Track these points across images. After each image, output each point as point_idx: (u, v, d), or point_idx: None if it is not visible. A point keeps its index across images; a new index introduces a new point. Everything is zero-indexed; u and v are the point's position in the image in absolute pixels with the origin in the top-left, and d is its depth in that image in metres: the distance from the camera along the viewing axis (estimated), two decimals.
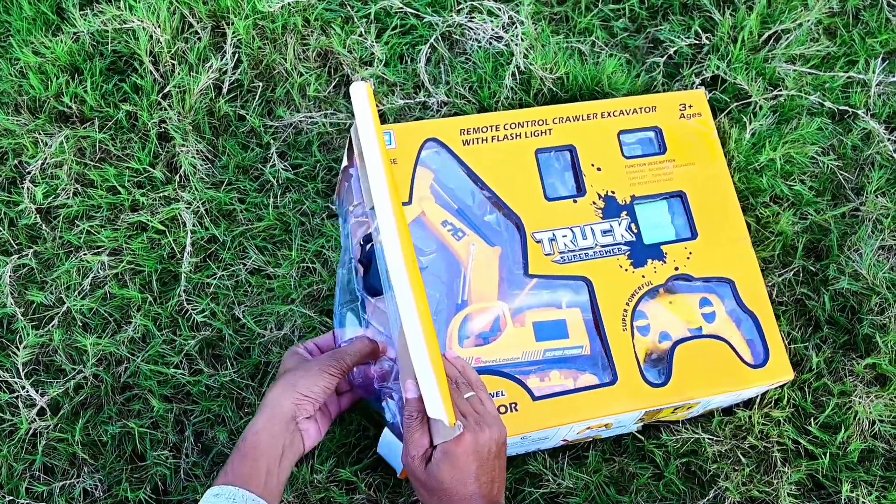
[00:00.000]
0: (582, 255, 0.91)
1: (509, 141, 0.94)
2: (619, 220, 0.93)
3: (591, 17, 1.14)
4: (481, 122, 0.94)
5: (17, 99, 1.08)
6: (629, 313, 0.90)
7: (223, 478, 0.73)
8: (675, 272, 0.92)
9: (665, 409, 0.89)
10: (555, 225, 0.92)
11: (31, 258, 1.02)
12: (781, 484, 0.92)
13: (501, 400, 0.85)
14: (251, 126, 1.07)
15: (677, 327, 0.91)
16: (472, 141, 0.94)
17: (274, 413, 0.77)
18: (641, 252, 0.92)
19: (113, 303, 1.00)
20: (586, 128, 0.97)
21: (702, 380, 0.88)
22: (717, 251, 0.94)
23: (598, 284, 0.90)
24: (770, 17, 1.13)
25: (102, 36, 1.10)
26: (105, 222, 1.03)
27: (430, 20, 1.12)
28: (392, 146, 0.91)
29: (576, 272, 0.91)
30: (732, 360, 0.90)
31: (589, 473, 0.93)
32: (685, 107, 1.00)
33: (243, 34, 1.09)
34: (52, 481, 0.94)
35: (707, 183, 0.97)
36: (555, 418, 0.85)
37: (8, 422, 0.95)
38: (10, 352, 0.98)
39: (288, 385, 0.79)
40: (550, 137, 0.95)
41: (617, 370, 0.87)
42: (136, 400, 0.97)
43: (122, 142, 1.07)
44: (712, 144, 0.99)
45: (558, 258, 0.91)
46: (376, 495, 0.92)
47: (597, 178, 0.95)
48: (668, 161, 0.97)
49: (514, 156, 0.94)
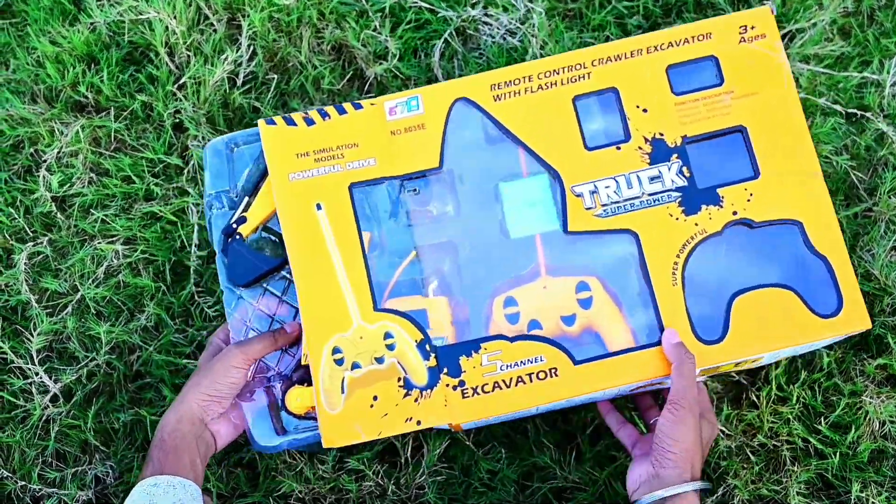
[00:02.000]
0: (627, 205, 0.84)
1: (544, 91, 0.87)
2: (669, 164, 0.85)
3: (605, 13, 1.14)
4: (513, 74, 0.87)
5: (34, 88, 1.09)
6: (680, 266, 0.82)
7: (154, 471, 0.74)
8: (734, 217, 0.83)
9: (724, 365, 0.83)
10: (596, 176, 0.84)
11: (46, 246, 1.03)
12: (791, 483, 0.92)
13: (541, 366, 0.80)
14: (266, 118, 1.08)
15: (549, 314, 0.83)
16: (504, 96, 0.87)
17: (181, 414, 0.78)
18: (694, 197, 0.84)
19: (126, 291, 1.01)
20: (630, 66, 0.87)
21: (762, 334, 0.81)
22: (782, 190, 0.84)
23: (644, 237, 0.83)
24: (784, 16, 1.13)
25: (119, 26, 1.11)
26: (119, 211, 1.04)
27: (445, 15, 1.12)
28: (419, 111, 0.86)
29: (620, 225, 0.83)
30: (799, 309, 0.81)
31: (596, 468, 0.94)
32: (746, 29, 0.88)
33: (259, 26, 1.09)
34: (65, 467, 0.95)
35: (772, 114, 0.86)
36: (598, 382, 0.80)
37: (21, 408, 0.96)
38: (25, 338, 0.98)
39: (194, 385, 0.80)
40: (589, 82, 0.87)
41: (665, 328, 0.81)
42: (148, 388, 0.98)
43: (137, 132, 1.07)
44: (779, 69, 0.87)
45: (600, 211, 0.84)
46: (384, 482, 0.93)
47: (643, 121, 0.86)
48: (725, 93, 0.86)
49: (549, 106, 0.87)
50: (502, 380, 0.79)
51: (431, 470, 0.93)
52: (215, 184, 0.92)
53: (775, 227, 0.84)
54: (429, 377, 0.79)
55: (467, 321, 0.81)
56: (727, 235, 0.83)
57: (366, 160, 0.84)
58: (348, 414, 0.79)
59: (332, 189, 0.83)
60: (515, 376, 0.79)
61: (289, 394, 0.85)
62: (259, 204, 0.91)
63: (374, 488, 0.93)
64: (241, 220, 0.90)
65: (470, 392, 0.79)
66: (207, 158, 0.93)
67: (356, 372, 0.80)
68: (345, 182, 0.83)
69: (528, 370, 0.79)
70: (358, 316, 0.81)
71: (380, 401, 0.79)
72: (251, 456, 0.95)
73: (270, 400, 0.87)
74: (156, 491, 0.72)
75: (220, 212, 0.91)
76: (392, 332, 0.81)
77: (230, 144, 0.94)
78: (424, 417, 0.79)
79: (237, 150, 0.94)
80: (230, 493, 0.94)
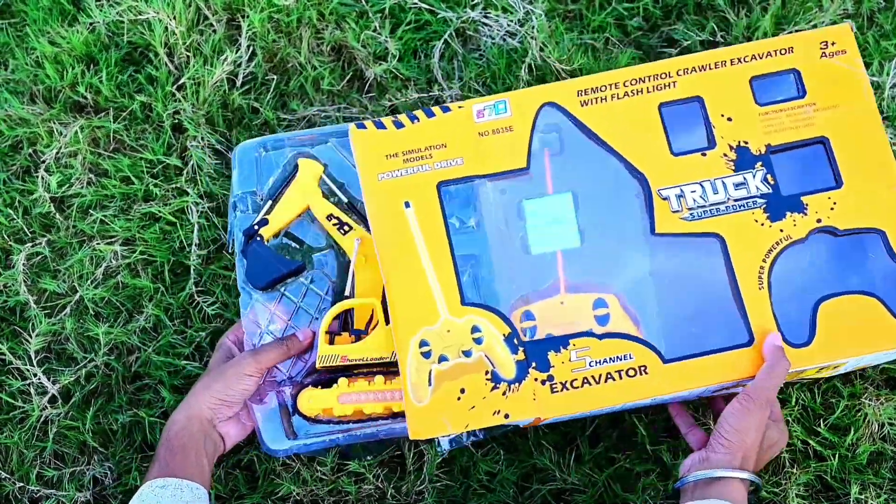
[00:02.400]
0: (713, 210, 0.86)
1: (630, 98, 0.90)
2: (754, 171, 0.87)
3: (605, 15, 1.14)
4: (600, 81, 0.90)
5: (33, 88, 1.09)
6: (766, 270, 0.84)
7: (161, 471, 0.75)
8: (818, 224, 0.85)
9: (809, 370, 0.85)
10: (683, 180, 0.87)
11: (45, 246, 1.02)
12: (790, 485, 0.92)
13: (630, 363, 0.81)
14: (265, 119, 1.08)
15: (566, 330, 0.85)
16: (591, 101, 0.89)
17: (191, 414, 0.79)
18: (779, 204, 0.86)
19: (125, 292, 1.00)
20: (714, 77, 0.90)
21: (848, 339, 0.83)
22: (865, 200, 0.86)
23: (731, 241, 0.85)
24: (785, 17, 1.13)
25: (118, 27, 1.11)
26: (118, 212, 1.04)
27: (445, 16, 1.12)
28: (507, 114, 0.88)
29: (707, 229, 0.85)
30: (883, 316, 0.83)
31: (596, 470, 0.94)
32: (827, 45, 0.91)
33: (258, 27, 1.09)
34: (63, 468, 0.95)
35: (853, 126, 0.89)
36: (687, 381, 0.81)
37: (20, 409, 0.96)
38: (23, 339, 0.98)
39: (204, 388, 0.81)
40: (675, 90, 0.90)
41: (753, 330, 0.83)
42: (147, 390, 0.98)
43: (136, 132, 1.07)
44: (859, 84, 0.90)
45: (687, 215, 0.86)
46: (383, 485, 0.93)
47: (727, 129, 0.88)
48: (807, 105, 0.89)
49: (635, 112, 0.89)
50: (591, 376, 0.81)
51: (432, 476, 0.93)
52: (242, 185, 0.94)
53: (858, 236, 0.86)
54: (517, 371, 0.81)
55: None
56: (811, 242, 0.86)
57: (454, 160, 0.87)
58: (435, 406, 0.80)
59: (420, 188, 0.86)
60: (605, 373, 0.81)
61: (301, 395, 0.85)
62: (282, 208, 0.93)
63: (374, 491, 0.93)
64: (263, 222, 0.91)
65: (559, 387, 0.80)
66: (237, 160, 0.95)
67: (443, 365, 0.81)
68: (433, 181, 0.86)
69: (617, 367, 0.81)
70: (445, 310, 0.83)
71: (467, 394, 0.80)
72: (250, 458, 0.95)
73: (282, 403, 0.87)
74: (164, 493, 0.73)
75: (243, 214, 0.92)
76: (479, 326, 0.82)
77: (259, 148, 0.95)
78: (513, 411, 0.80)
79: (266, 154, 0.95)
80: (229, 494, 0.94)
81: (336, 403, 0.85)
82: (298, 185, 0.94)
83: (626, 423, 0.96)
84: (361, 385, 0.85)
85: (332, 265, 0.93)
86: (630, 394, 0.80)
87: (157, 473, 0.75)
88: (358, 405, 0.85)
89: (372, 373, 0.87)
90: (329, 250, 0.93)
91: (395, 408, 0.85)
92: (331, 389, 0.85)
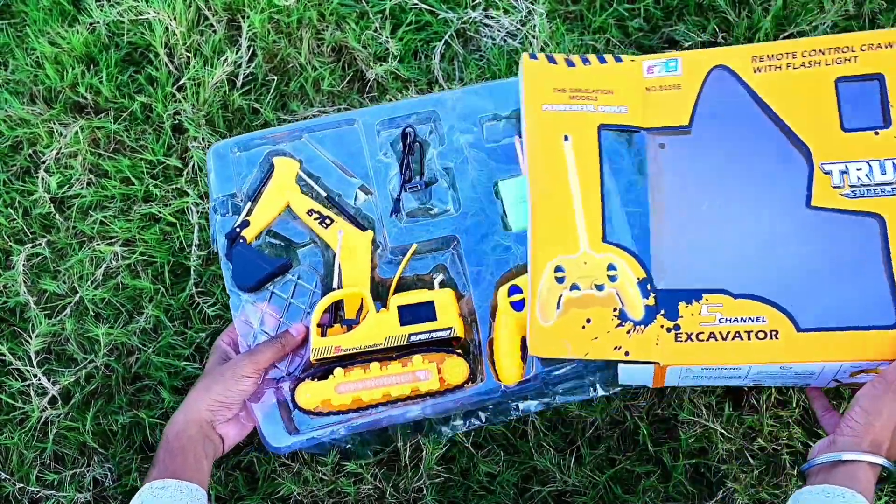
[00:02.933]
0: (878, 189, 0.83)
1: (806, 69, 0.88)
2: None
3: (606, 16, 1.14)
4: (777, 49, 0.89)
5: (33, 88, 1.09)
6: None
7: (161, 472, 0.76)
8: None
9: None
10: (849, 157, 0.85)
11: (45, 247, 1.02)
12: (790, 487, 0.92)
13: (761, 325, 0.80)
14: (265, 120, 1.08)
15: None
16: (765, 69, 0.89)
17: (190, 417, 0.80)
18: None
19: (125, 293, 1.00)
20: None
21: None
22: None
23: (891, 222, 0.82)
24: (786, 18, 1.13)
25: (118, 27, 1.11)
26: (118, 213, 1.04)
27: (445, 16, 1.12)
28: (677, 72, 0.89)
29: (867, 208, 0.83)
30: None
31: (597, 472, 0.93)
32: None
33: (258, 28, 1.09)
34: (63, 469, 0.94)
35: None
36: (819, 353, 0.79)
37: (19, 410, 0.96)
38: (23, 340, 0.98)
39: (204, 390, 0.82)
40: (855, 65, 0.87)
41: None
42: (147, 391, 0.98)
43: (136, 133, 1.07)
44: None
45: (848, 192, 0.84)
46: (382, 485, 0.93)
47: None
48: None
49: (810, 83, 0.87)
50: (719, 332, 0.80)
51: (430, 473, 0.93)
52: (220, 187, 0.93)
53: None
54: (645, 314, 0.81)
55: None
56: None
57: (618, 107, 0.88)
58: (559, 329, 0.81)
59: (581, 125, 0.87)
60: (733, 331, 0.80)
61: (298, 389, 0.85)
62: (262, 208, 0.92)
63: (373, 491, 0.93)
64: (244, 224, 0.91)
65: (684, 337, 0.80)
66: (211, 163, 0.94)
67: (574, 293, 0.83)
68: (595, 121, 0.87)
69: (747, 327, 0.80)
70: (586, 243, 0.84)
71: (592, 324, 0.81)
72: (250, 459, 0.95)
73: (281, 399, 0.87)
74: (163, 494, 0.73)
75: (223, 217, 0.92)
76: (616, 265, 0.83)
77: (233, 148, 0.94)
78: (634, 350, 0.80)
79: (240, 154, 0.95)
80: (228, 495, 0.94)
81: (334, 394, 0.84)
82: (276, 183, 0.93)
83: (627, 424, 0.96)
84: (357, 373, 0.85)
85: (318, 259, 0.93)
86: (756, 355, 0.79)
87: (157, 475, 0.76)
88: (356, 393, 0.85)
89: (367, 360, 0.86)
90: (312, 245, 0.93)
91: (394, 392, 0.85)
92: (327, 381, 0.85)
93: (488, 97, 0.96)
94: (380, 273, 0.92)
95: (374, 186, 0.93)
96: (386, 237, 0.91)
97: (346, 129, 0.96)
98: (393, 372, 0.85)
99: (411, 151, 0.95)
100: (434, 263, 0.92)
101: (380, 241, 0.92)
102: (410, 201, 0.94)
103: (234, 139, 0.95)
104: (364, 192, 0.94)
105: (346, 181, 0.94)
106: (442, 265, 0.92)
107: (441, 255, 0.92)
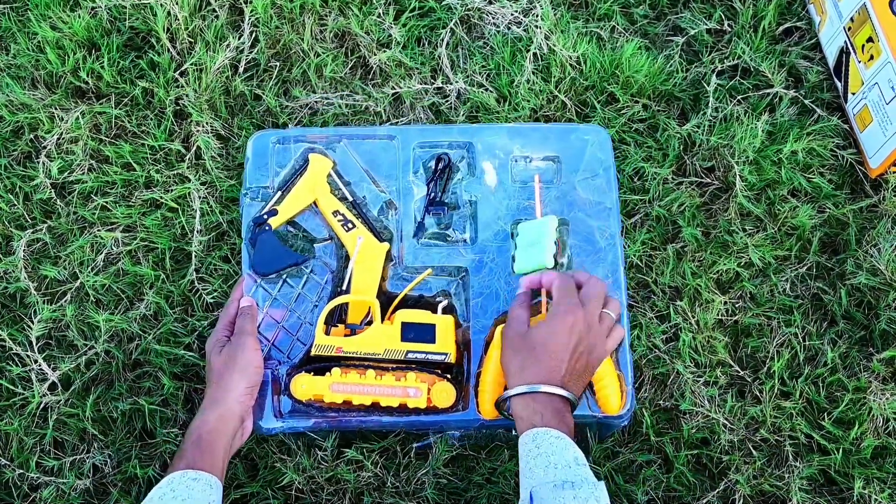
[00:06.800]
0: None
1: None
2: None
3: (611, 3, 1.13)
4: None
5: (34, 73, 1.08)
6: None
7: (189, 465, 0.77)
8: None
9: None
10: None
11: (46, 233, 1.02)
12: (793, 478, 0.92)
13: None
14: (267, 106, 1.07)
15: None
16: None
17: (224, 415, 0.82)
18: None
19: (126, 279, 1.00)
20: None
21: None
22: None
23: None
24: (788, 10, 1.12)
25: (120, 12, 1.10)
26: (119, 199, 1.03)
27: (449, 3, 1.11)
28: None
29: None
30: None
31: (597, 462, 0.93)
32: None
33: (261, 13, 1.08)
34: (63, 456, 0.94)
35: None
36: None
37: (20, 395, 0.96)
38: (24, 326, 0.98)
39: (232, 388, 0.84)
40: None
41: None
42: (147, 377, 0.97)
43: (137, 118, 1.06)
44: None
45: None
46: (382, 473, 0.92)
47: None
48: None
49: None
50: None
51: (435, 472, 0.92)
52: (254, 174, 0.97)
53: None
54: None
55: None
56: None
57: None
58: None
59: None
60: None
61: (295, 380, 0.88)
62: (291, 200, 0.95)
63: (373, 479, 0.92)
64: (272, 212, 0.93)
65: None
66: (250, 151, 0.97)
67: None
68: None
69: None
70: None
71: None
72: (249, 448, 0.94)
73: (273, 381, 0.89)
74: (195, 485, 0.76)
75: (252, 202, 0.96)
76: None
77: (273, 140, 0.98)
78: None
79: (278, 147, 0.98)
80: (229, 484, 0.93)
81: (328, 391, 0.87)
82: (308, 179, 0.95)
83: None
84: (353, 377, 0.87)
85: (332, 257, 0.95)
86: None
87: (184, 467, 0.77)
88: (348, 395, 0.87)
89: (364, 366, 0.88)
90: (328, 242, 0.95)
91: (383, 402, 0.87)
92: (324, 377, 0.87)
93: (527, 136, 0.98)
94: (388, 285, 0.94)
95: (400, 203, 0.96)
96: (403, 253, 0.94)
97: (384, 143, 0.98)
98: (386, 383, 0.87)
99: (441, 176, 0.96)
100: (440, 287, 0.94)
101: (394, 255, 0.94)
102: (430, 224, 0.96)
103: (275, 131, 0.99)
104: (390, 208, 0.96)
105: (374, 192, 0.97)
106: (447, 291, 0.94)
107: (448, 281, 0.94)
